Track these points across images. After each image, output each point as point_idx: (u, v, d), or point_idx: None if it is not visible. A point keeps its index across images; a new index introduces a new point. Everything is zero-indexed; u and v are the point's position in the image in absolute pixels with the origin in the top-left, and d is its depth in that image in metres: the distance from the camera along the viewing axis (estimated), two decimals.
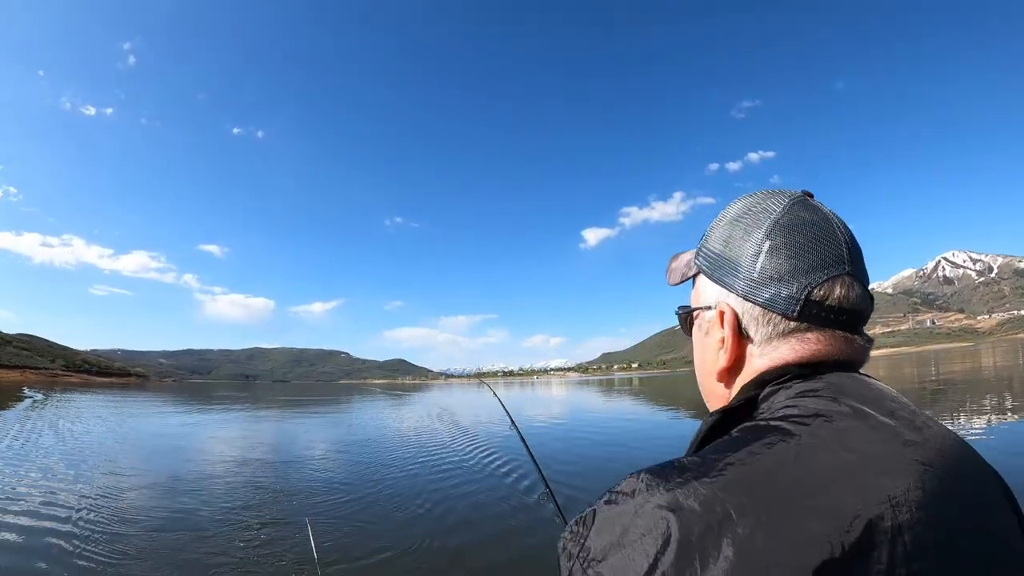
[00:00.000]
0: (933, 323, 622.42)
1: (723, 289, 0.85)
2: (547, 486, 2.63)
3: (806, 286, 0.76)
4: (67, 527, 8.49)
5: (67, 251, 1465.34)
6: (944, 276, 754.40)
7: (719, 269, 0.86)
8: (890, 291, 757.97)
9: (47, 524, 8.67)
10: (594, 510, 0.68)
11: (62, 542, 7.76)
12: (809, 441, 0.64)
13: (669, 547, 0.57)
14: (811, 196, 0.87)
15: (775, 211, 0.82)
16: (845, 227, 0.83)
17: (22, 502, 10.08)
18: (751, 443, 0.66)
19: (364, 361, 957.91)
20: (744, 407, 0.78)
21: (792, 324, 0.78)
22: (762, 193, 0.87)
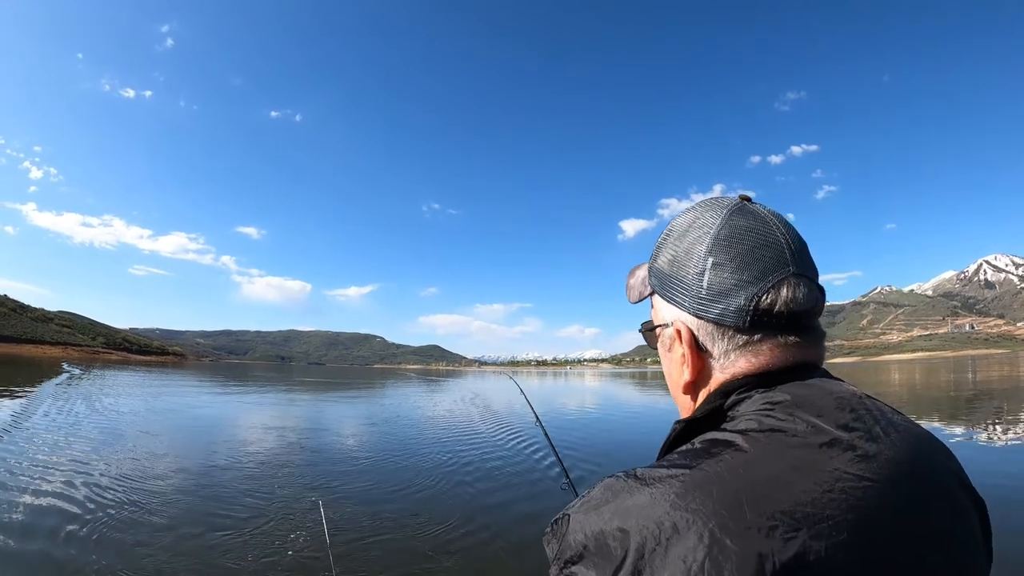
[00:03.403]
0: (972, 328, 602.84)
1: (676, 308, 0.87)
2: (564, 470, 2.85)
3: (753, 296, 0.78)
4: (86, 492, 8.56)
5: (107, 231, 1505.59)
6: (985, 280, 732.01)
7: (669, 288, 0.89)
8: (930, 293, 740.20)
9: (67, 489, 8.72)
10: (568, 515, 0.73)
11: (76, 507, 7.82)
12: (759, 458, 0.66)
13: (626, 561, 0.62)
14: (749, 200, 0.88)
15: (713, 225, 0.83)
16: (786, 226, 0.84)
17: (47, 469, 10.07)
18: (704, 458, 0.69)
19: (399, 346, 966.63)
20: (709, 417, 0.80)
21: (745, 336, 0.80)
22: (701, 206, 0.89)
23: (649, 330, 0.99)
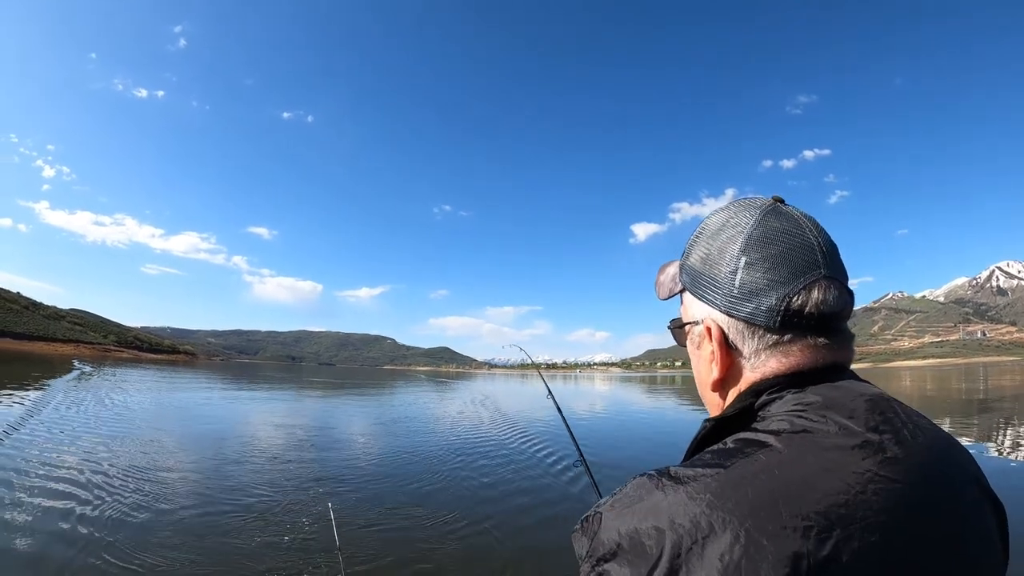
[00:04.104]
0: (984, 335, 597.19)
1: (707, 305, 0.89)
2: (584, 462, 2.95)
3: (784, 296, 0.79)
4: (95, 482, 8.76)
5: (119, 230, 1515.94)
6: (998, 286, 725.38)
7: (701, 286, 0.90)
8: (942, 300, 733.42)
9: (77, 479, 8.92)
10: (601, 514, 0.74)
11: (83, 507, 7.70)
12: (792, 459, 0.68)
13: (662, 559, 0.63)
14: (782, 202, 0.90)
15: (747, 225, 0.85)
16: (818, 229, 0.86)
17: (58, 460, 10.30)
18: (738, 457, 0.70)
19: (409, 348, 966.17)
20: (739, 415, 0.82)
21: (776, 335, 0.82)
22: (735, 205, 0.91)
23: (678, 327, 1.01)
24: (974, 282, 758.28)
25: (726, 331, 0.86)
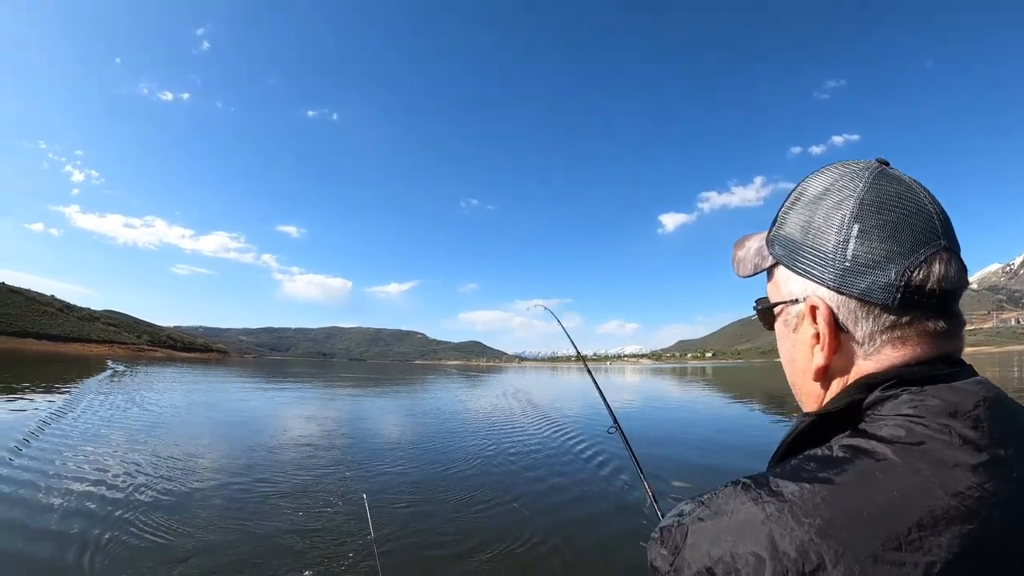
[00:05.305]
0: (1018, 322, 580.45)
1: (810, 281, 0.77)
2: (619, 427, 2.77)
3: (904, 270, 0.69)
4: (125, 478, 8.78)
5: (149, 232, 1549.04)
6: None
7: (803, 259, 0.78)
8: (975, 287, 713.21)
9: (101, 485, 8.65)
10: (687, 527, 0.65)
11: (112, 502, 7.60)
12: (911, 478, 0.59)
13: None
14: (888, 164, 0.79)
15: (857, 188, 0.74)
16: (931, 195, 0.75)
17: (89, 452, 10.58)
18: (850, 472, 0.61)
19: (439, 342, 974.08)
20: (843, 412, 0.72)
21: (893, 316, 0.70)
22: (837, 168, 0.80)
23: (767, 308, 0.87)
24: (1008, 268, 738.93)
25: (835, 310, 0.74)
